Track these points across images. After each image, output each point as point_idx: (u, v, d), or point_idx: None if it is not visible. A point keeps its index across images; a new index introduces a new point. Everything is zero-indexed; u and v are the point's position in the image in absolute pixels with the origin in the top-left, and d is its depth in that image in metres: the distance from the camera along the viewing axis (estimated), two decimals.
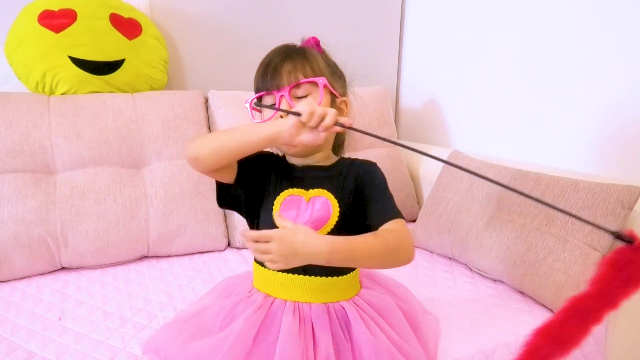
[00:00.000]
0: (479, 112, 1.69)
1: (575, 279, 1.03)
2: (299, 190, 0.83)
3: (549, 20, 1.41)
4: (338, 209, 0.81)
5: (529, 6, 1.47)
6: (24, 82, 1.35)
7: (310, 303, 0.81)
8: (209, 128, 1.51)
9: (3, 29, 1.34)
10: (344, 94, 0.88)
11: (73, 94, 1.35)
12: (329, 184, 0.83)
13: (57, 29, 1.31)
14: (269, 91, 0.81)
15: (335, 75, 0.88)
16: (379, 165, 0.89)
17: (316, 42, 0.89)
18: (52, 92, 1.35)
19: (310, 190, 0.82)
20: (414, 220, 1.54)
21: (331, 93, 0.84)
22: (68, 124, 1.28)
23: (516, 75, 1.53)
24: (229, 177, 0.84)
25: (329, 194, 0.82)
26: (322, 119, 0.70)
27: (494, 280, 1.23)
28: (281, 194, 0.83)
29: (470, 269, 1.29)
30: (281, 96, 0.80)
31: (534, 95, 1.48)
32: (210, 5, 1.64)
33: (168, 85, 1.59)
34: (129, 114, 1.35)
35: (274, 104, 0.81)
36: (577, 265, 1.04)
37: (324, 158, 0.87)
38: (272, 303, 0.81)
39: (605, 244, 1.05)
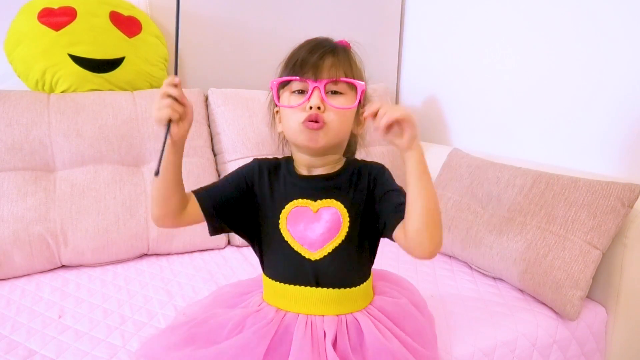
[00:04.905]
0: (479, 110, 1.69)
1: (575, 277, 1.03)
2: (306, 201, 0.79)
3: (548, 18, 1.41)
4: (348, 219, 0.78)
5: (528, 4, 1.47)
6: (24, 80, 1.35)
7: (322, 316, 0.77)
8: (209, 126, 1.51)
9: (3, 27, 1.33)
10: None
11: (73, 92, 1.35)
12: (338, 193, 0.79)
13: (57, 26, 1.31)
14: (302, 78, 0.74)
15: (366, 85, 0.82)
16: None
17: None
18: (51, 90, 1.35)
19: (318, 201, 0.78)
20: None
21: (360, 102, 0.79)
22: (68, 122, 1.28)
23: (516, 73, 1.53)
24: (199, 215, 0.79)
25: (339, 203, 0.78)
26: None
27: (494, 279, 1.23)
28: (286, 206, 0.79)
29: (470, 267, 1.29)
30: (315, 87, 0.73)
31: (533, 93, 1.48)
32: (210, 3, 1.64)
33: None
34: (128, 112, 1.35)
35: (302, 91, 0.75)
36: (577, 263, 1.04)
37: (335, 161, 0.82)
38: (283, 317, 0.77)
39: (605, 242, 1.05)
